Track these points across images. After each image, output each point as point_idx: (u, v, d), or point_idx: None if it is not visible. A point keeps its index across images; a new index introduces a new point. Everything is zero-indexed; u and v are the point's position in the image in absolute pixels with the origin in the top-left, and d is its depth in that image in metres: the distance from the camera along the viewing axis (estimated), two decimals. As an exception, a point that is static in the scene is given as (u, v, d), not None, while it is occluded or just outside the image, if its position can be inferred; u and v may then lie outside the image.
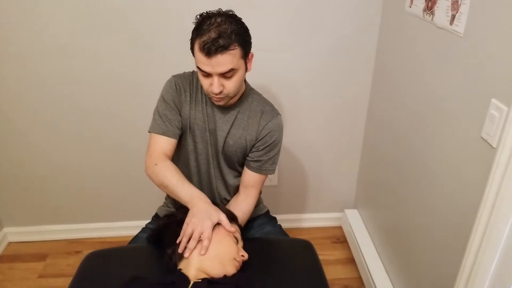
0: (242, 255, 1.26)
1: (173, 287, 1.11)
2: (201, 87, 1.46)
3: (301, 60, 2.09)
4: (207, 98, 1.47)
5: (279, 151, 1.55)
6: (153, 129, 1.47)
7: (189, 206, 1.32)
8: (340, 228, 2.56)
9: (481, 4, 1.21)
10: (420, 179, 1.65)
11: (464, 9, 1.29)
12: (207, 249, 1.21)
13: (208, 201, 1.34)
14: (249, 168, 1.54)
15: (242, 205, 1.52)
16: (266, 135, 1.49)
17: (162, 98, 1.48)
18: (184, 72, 1.53)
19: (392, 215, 1.97)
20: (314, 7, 1.96)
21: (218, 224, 1.28)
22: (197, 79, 1.49)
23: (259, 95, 1.56)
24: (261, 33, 1.97)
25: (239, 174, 1.60)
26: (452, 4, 1.35)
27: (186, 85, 1.49)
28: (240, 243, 1.32)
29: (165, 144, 1.46)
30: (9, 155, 2.22)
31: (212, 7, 1.34)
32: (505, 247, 1.18)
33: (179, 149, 1.54)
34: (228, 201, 1.61)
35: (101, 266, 1.37)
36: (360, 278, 2.18)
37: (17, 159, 2.24)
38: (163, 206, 1.72)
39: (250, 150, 1.52)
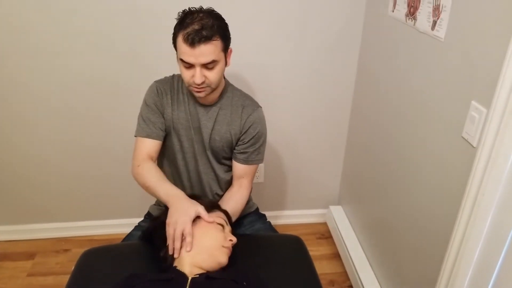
0: (230, 240, 1.29)
1: (172, 284, 1.15)
2: (182, 88, 1.53)
3: (286, 61, 2.15)
4: (189, 97, 1.53)
5: (264, 141, 1.62)
6: (138, 133, 1.53)
7: (168, 205, 1.35)
8: (325, 224, 2.63)
9: (461, 11, 1.28)
10: (403, 176, 1.72)
11: (444, 15, 1.35)
12: (191, 244, 1.23)
13: (184, 197, 1.36)
14: (237, 160, 1.60)
15: (236, 196, 1.58)
16: (249, 127, 1.55)
17: (145, 103, 1.54)
18: (165, 77, 1.59)
19: (375, 211, 2.04)
20: (299, 10, 2.02)
21: (199, 217, 1.30)
22: (178, 81, 1.56)
23: (238, 90, 1.62)
24: (248, 34, 2.02)
25: (229, 168, 1.65)
26: (433, 10, 1.42)
27: (167, 88, 1.55)
28: (227, 228, 1.34)
29: (150, 146, 1.52)
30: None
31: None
32: (486, 239, 1.24)
33: (166, 150, 1.60)
34: (220, 196, 1.66)
35: (98, 263, 1.39)
36: (345, 272, 2.24)
37: (2, 158, 2.24)
38: (154, 204, 1.76)
39: (236, 144, 1.58)
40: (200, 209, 1.30)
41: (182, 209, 1.29)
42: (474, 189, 1.21)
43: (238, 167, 1.60)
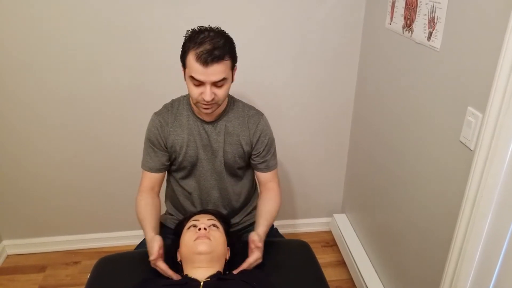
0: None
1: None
2: (185, 110, 1.57)
3: (288, 75, 2.21)
4: (193, 119, 1.57)
5: (275, 145, 1.69)
6: (143, 166, 1.64)
7: None
8: (329, 232, 2.67)
9: (455, 22, 1.34)
10: (404, 182, 1.76)
11: (439, 26, 1.42)
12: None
13: (150, 240, 1.44)
14: (259, 170, 1.66)
15: (267, 198, 1.64)
16: (259, 136, 1.61)
17: (146, 138, 1.61)
18: (164, 105, 1.63)
19: (379, 217, 2.08)
20: (299, 24, 2.09)
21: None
22: (178, 106, 1.60)
23: (240, 101, 1.66)
24: (251, 50, 2.09)
25: (240, 178, 1.70)
26: (428, 22, 1.49)
27: (167, 117, 1.59)
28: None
29: (151, 178, 1.62)
30: (5, 170, 2.27)
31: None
32: (486, 239, 1.29)
33: (181, 173, 1.65)
34: (235, 207, 1.73)
35: (113, 270, 1.45)
36: (351, 279, 2.28)
37: (12, 175, 2.29)
38: (165, 214, 1.80)
39: (250, 154, 1.63)
40: (155, 245, 1.38)
41: (149, 250, 1.40)
42: (473, 190, 1.26)
43: (262, 176, 1.67)
